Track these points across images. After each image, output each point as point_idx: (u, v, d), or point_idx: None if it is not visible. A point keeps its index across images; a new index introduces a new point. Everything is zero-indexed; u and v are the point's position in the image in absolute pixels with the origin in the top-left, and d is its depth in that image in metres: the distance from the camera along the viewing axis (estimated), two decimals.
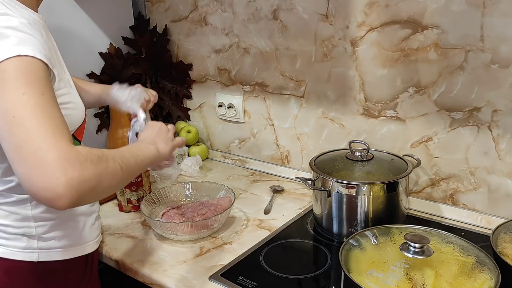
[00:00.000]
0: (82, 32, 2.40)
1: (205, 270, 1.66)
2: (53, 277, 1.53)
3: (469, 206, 1.93)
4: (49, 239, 1.50)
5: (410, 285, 1.31)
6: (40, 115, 1.14)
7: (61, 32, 2.30)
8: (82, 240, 1.59)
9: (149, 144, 1.53)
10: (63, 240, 1.53)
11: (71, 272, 1.58)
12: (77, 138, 1.54)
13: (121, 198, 2.08)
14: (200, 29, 2.55)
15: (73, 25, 2.35)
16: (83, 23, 2.40)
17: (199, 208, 1.92)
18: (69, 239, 1.54)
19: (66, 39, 2.32)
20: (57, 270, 1.53)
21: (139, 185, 2.08)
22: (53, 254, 1.51)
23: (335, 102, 2.17)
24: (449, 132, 1.89)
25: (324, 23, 2.09)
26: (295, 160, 2.42)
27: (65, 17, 2.30)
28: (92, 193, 1.16)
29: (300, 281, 1.61)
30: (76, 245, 1.57)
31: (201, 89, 2.68)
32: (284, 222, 1.98)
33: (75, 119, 1.48)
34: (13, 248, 1.45)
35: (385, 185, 1.77)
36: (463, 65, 1.79)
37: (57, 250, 1.52)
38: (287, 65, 2.28)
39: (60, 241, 1.52)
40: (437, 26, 1.81)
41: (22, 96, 1.15)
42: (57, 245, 1.52)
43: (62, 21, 2.29)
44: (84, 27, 2.41)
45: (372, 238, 1.54)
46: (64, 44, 2.32)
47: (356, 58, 2.05)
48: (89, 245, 1.63)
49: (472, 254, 1.42)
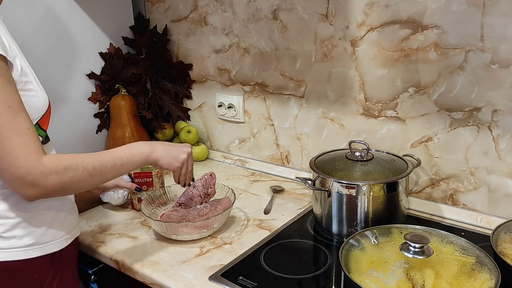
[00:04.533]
0: (82, 32, 2.40)
1: (205, 270, 1.66)
2: (14, 277, 1.50)
3: (469, 206, 1.93)
4: (10, 238, 1.48)
5: (410, 285, 1.31)
6: (11, 131, 1.34)
7: (60, 32, 2.30)
8: (47, 238, 1.56)
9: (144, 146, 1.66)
10: (25, 239, 1.50)
11: (35, 271, 1.54)
12: (41, 127, 1.55)
13: (133, 196, 2.09)
14: (200, 29, 2.55)
15: (73, 25, 2.35)
16: (83, 23, 2.40)
17: (199, 209, 1.92)
18: (32, 237, 1.52)
19: (66, 39, 2.33)
20: (18, 269, 1.50)
21: (149, 185, 2.08)
22: (13, 254, 1.49)
23: (335, 102, 2.17)
24: (449, 132, 1.89)
25: (324, 23, 2.09)
26: (295, 160, 2.42)
27: (65, 17, 2.31)
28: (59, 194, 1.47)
29: (300, 281, 1.61)
30: (39, 243, 1.54)
31: (201, 89, 2.68)
32: (284, 222, 1.98)
33: (36, 106, 1.50)
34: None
35: (385, 185, 1.77)
36: (463, 65, 1.80)
37: (18, 250, 1.49)
38: (287, 65, 2.28)
39: (22, 240, 1.50)
40: (437, 26, 1.81)
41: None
42: (18, 244, 1.49)
43: (62, 21, 2.29)
44: (84, 27, 2.41)
45: (372, 238, 1.55)
46: (64, 44, 2.33)
47: (356, 58, 2.05)
48: (57, 243, 1.59)
49: (472, 254, 1.43)
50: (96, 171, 1.48)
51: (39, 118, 1.52)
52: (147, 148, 1.64)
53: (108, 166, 1.51)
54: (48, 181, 1.37)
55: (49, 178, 1.37)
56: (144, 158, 1.62)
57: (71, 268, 1.70)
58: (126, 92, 2.58)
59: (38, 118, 1.51)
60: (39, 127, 1.52)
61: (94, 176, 1.48)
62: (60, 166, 1.40)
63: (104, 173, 1.51)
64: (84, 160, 1.46)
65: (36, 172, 1.35)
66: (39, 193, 1.39)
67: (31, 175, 1.35)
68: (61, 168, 1.40)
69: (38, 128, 1.51)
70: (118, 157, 1.55)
